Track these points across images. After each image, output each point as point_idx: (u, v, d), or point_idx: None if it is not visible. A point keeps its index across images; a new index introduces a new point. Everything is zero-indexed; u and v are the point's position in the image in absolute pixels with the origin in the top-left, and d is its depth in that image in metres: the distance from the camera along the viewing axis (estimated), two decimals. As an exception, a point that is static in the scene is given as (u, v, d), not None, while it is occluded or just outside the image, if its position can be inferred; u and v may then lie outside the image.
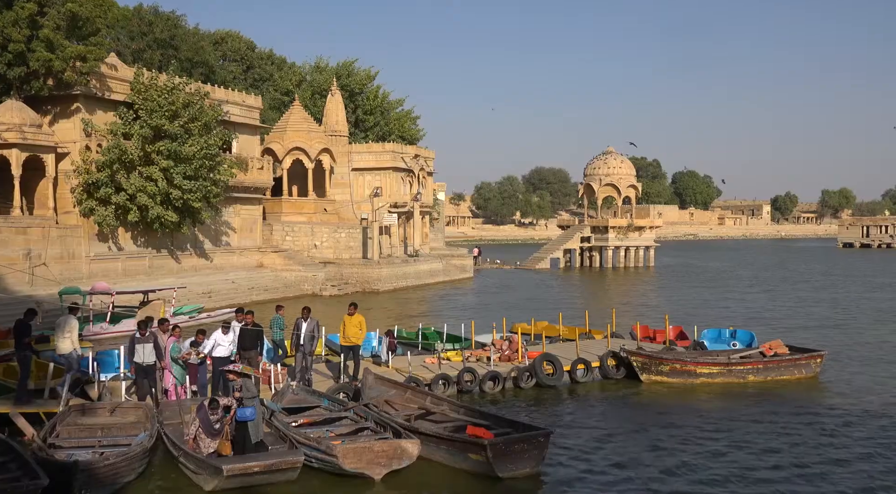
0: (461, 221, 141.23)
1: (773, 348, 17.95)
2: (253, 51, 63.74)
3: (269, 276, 36.79)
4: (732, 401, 15.46)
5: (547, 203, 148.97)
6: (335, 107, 47.96)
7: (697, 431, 13.28)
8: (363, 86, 59.18)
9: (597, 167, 63.90)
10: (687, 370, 16.89)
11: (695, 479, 10.85)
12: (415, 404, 13.39)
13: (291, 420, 12.16)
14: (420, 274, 44.24)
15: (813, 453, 12.06)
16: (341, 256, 41.26)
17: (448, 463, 11.14)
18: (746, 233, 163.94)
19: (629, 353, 17.11)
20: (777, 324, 27.25)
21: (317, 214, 43.95)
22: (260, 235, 39.14)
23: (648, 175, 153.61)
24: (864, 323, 28.04)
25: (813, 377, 17.57)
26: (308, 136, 44.26)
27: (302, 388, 14.13)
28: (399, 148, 47.54)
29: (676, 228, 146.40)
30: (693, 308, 32.60)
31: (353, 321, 15.23)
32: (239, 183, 35.80)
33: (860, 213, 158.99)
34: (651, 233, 63.38)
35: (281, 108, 53.94)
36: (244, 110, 38.17)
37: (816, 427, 13.59)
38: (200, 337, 13.68)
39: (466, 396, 15.46)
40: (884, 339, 23.86)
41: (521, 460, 10.84)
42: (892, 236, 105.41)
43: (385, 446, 10.74)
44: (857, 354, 20.97)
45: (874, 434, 13.16)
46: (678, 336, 20.56)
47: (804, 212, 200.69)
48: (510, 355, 17.31)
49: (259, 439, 10.71)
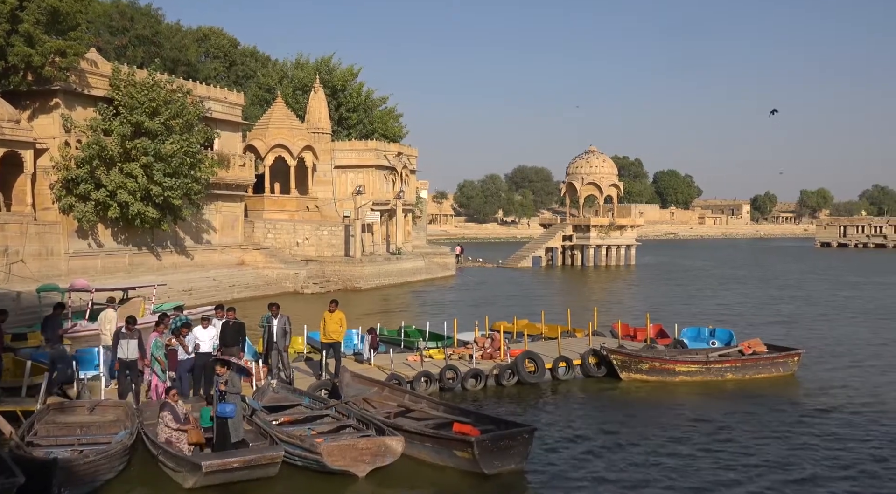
0: (444, 219, 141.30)
1: (751, 346, 18.15)
2: (236, 47, 63.46)
3: (250, 274, 36.64)
4: (710, 399, 15.64)
5: (529, 201, 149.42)
6: (318, 105, 47.83)
7: (676, 429, 13.42)
8: (346, 84, 59.07)
9: (579, 166, 64.20)
10: (666, 368, 17.05)
11: (674, 476, 10.98)
12: (393, 402, 13.44)
13: (272, 418, 12.14)
14: (402, 272, 44.24)
15: (789, 450, 12.23)
16: (323, 254, 41.18)
17: (432, 461, 11.19)
18: (726, 232, 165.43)
19: (609, 352, 17.25)
20: (755, 323, 27.54)
21: (299, 212, 43.81)
22: (241, 233, 38.95)
23: (630, 174, 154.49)
24: (837, 321, 28.43)
25: (790, 375, 17.80)
26: (291, 134, 44.10)
27: (282, 386, 14.11)
28: (382, 146, 47.51)
29: (657, 227, 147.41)
30: (673, 306, 32.88)
31: (333, 318, 15.24)
32: (220, 180, 35.62)
33: (838, 213, 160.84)
34: (632, 232, 63.79)
35: (263, 105, 53.73)
36: (226, 107, 37.96)
37: (792, 424, 13.78)
38: (185, 331, 13.63)
39: (448, 394, 15.52)
40: (857, 337, 24.22)
41: (507, 456, 10.93)
42: (869, 236, 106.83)
43: (369, 443, 10.77)
44: (832, 352, 21.27)
45: (850, 431, 13.37)
46: (658, 334, 20.75)
47: (783, 211, 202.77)
48: (492, 353, 17.38)
49: (239, 438, 10.70)
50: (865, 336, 24.70)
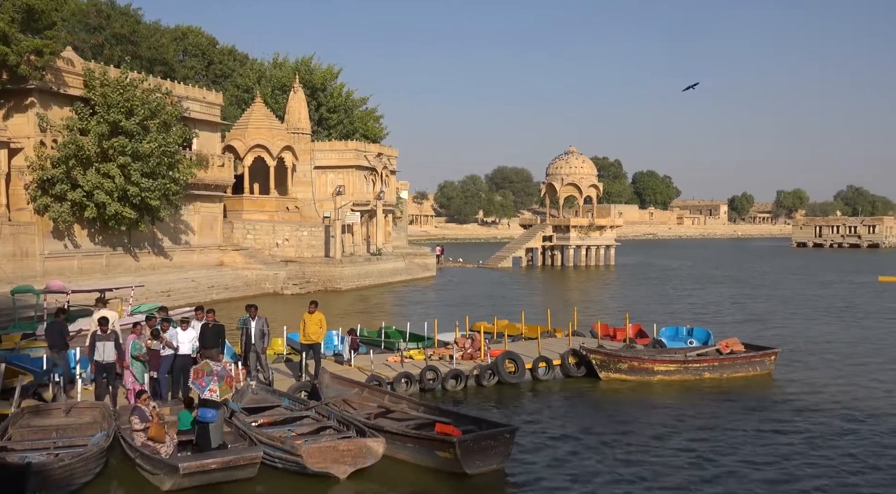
0: (424, 220, 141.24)
1: (729, 346, 18.32)
2: (214, 46, 62.99)
3: (229, 275, 36.40)
4: (689, 398, 15.77)
5: (510, 202, 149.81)
6: (297, 105, 47.63)
7: (655, 428, 13.52)
8: (326, 84, 58.86)
9: (559, 167, 64.46)
10: (644, 367, 17.16)
11: (653, 475, 11.06)
12: (373, 403, 13.42)
13: (252, 419, 12.07)
14: (383, 272, 44.17)
15: (766, 449, 12.36)
16: (303, 255, 41.01)
17: (413, 461, 11.18)
18: (704, 232, 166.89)
19: (588, 351, 17.33)
20: (733, 322, 27.82)
21: (278, 212, 43.60)
22: (220, 233, 38.68)
23: (609, 175, 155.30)
24: (812, 320, 28.78)
25: (767, 374, 17.98)
26: (270, 134, 43.87)
27: (262, 388, 14.03)
28: (362, 146, 47.40)
29: (636, 228, 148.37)
30: (652, 306, 33.12)
31: (313, 319, 15.19)
32: (199, 180, 35.35)
33: (813, 214, 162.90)
34: (612, 233, 64.16)
35: (242, 105, 53.39)
36: (205, 107, 37.67)
37: (769, 423, 13.92)
38: (165, 325, 13.50)
39: (429, 394, 15.53)
40: (831, 336, 24.53)
41: (489, 456, 10.96)
42: (843, 236, 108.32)
43: (350, 445, 10.74)
44: (808, 351, 21.52)
45: (826, 430, 13.54)
46: (638, 334, 20.89)
47: (760, 212, 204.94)
48: (472, 353, 17.41)
49: (220, 443, 10.62)
50: (839, 334, 25.03)
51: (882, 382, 17.54)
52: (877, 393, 16.42)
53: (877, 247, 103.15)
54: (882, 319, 29.30)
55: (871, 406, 15.19)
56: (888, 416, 14.37)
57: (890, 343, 23.39)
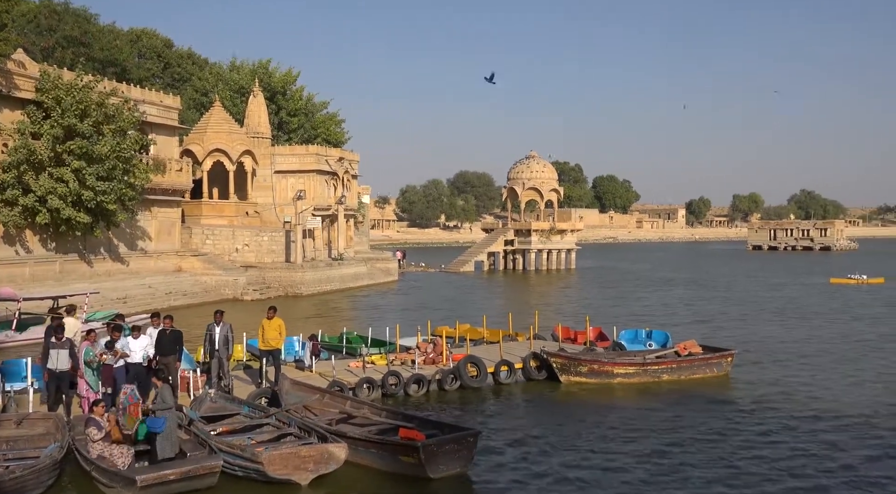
0: (386, 224, 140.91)
1: (687, 348, 18.60)
2: (171, 49, 62.10)
3: (188, 281, 35.85)
4: (647, 400, 15.96)
5: (471, 206, 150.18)
6: (257, 109, 47.20)
7: (615, 430, 13.66)
8: (286, 87, 58.41)
9: (520, 171, 64.85)
10: (604, 370, 17.33)
11: (613, 476, 11.17)
12: (335, 408, 13.32)
13: (211, 428, 11.89)
14: (344, 277, 43.94)
15: (724, 449, 12.57)
16: (263, 260, 40.60)
17: (376, 466, 11.14)
18: (663, 236, 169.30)
19: (549, 355, 17.45)
20: (690, 324, 28.25)
21: (238, 217, 43.10)
22: (178, 239, 38.09)
23: (570, 179, 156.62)
24: (766, 321, 29.38)
25: (724, 375, 18.29)
26: (229, 138, 43.39)
27: (220, 395, 13.83)
28: (323, 150, 47.14)
29: (597, 231, 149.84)
30: (613, 309, 33.48)
31: (272, 325, 15.04)
32: (156, 185, 34.79)
33: (768, 217, 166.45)
34: (573, 237, 64.73)
35: (200, 109, 52.73)
36: (161, 110, 37.10)
37: (727, 423, 14.17)
38: (116, 335, 13.14)
39: (391, 399, 15.48)
40: (784, 336, 25.07)
41: (452, 460, 10.96)
42: (797, 239, 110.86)
43: (312, 451, 10.65)
44: (762, 351, 21.96)
45: (782, 429, 13.82)
46: (598, 337, 21.06)
47: (717, 215, 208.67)
48: (434, 358, 17.40)
49: (171, 454, 10.37)
50: (792, 335, 25.59)
51: (833, 380, 17.99)
52: (828, 391, 16.82)
53: (828, 249, 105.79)
54: (833, 319, 30.05)
55: (823, 404, 15.55)
56: (840, 414, 14.73)
57: (840, 342, 24.01)
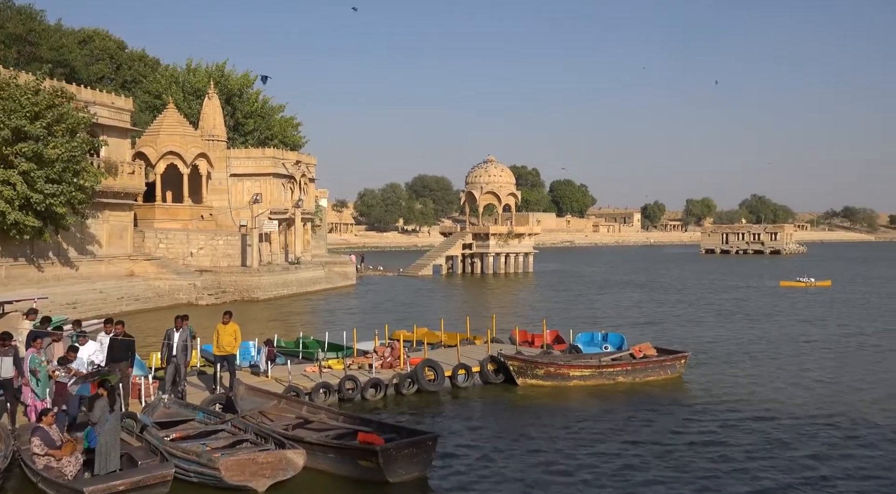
0: (344, 228, 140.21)
1: (642, 350, 18.90)
2: (123, 50, 60.88)
3: (140, 285, 35.18)
4: (603, 402, 16.16)
5: (430, 210, 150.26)
6: (212, 111, 46.57)
7: (569, 431, 13.82)
8: (242, 90, 57.76)
9: (478, 175, 65.15)
10: (560, 373, 17.50)
11: (569, 478, 11.29)
12: (291, 414, 13.22)
13: (164, 434, 11.70)
14: (301, 281, 43.58)
15: (675, 446, 12.81)
16: (219, 264, 40.05)
17: (334, 471, 11.07)
18: (619, 239, 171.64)
19: (506, 358, 17.55)
20: (646, 326, 28.68)
21: (193, 221, 42.45)
22: (131, 243, 37.35)
23: (528, 183, 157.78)
24: (717, 323, 29.99)
25: (678, 377, 18.62)
26: (183, 140, 42.73)
27: (174, 401, 13.61)
28: (280, 153, 46.72)
29: (554, 235, 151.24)
30: (569, 312, 33.82)
31: (227, 330, 14.86)
32: (108, 188, 34.08)
33: (720, 221, 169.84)
34: (530, 240, 65.21)
35: (154, 111, 51.79)
36: (113, 112, 36.38)
37: (679, 424, 14.43)
38: (72, 355, 12.59)
39: (348, 404, 15.41)
40: (735, 338, 25.61)
41: (411, 464, 10.96)
42: (748, 243, 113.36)
43: (269, 457, 10.55)
44: (713, 353, 22.42)
45: (732, 429, 14.13)
46: (555, 340, 21.25)
47: (671, 220, 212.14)
48: (392, 362, 17.38)
49: (109, 469, 9.95)
50: (744, 336, 26.16)
51: (781, 380, 18.45)
52: (777, 391, 17.25)
53: (778, 253, 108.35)
54: (783, 321, 30.80)
55: (772, 404, 15.93)
56: (788, 413, 15.11)
57: (788, 343, 24.63)
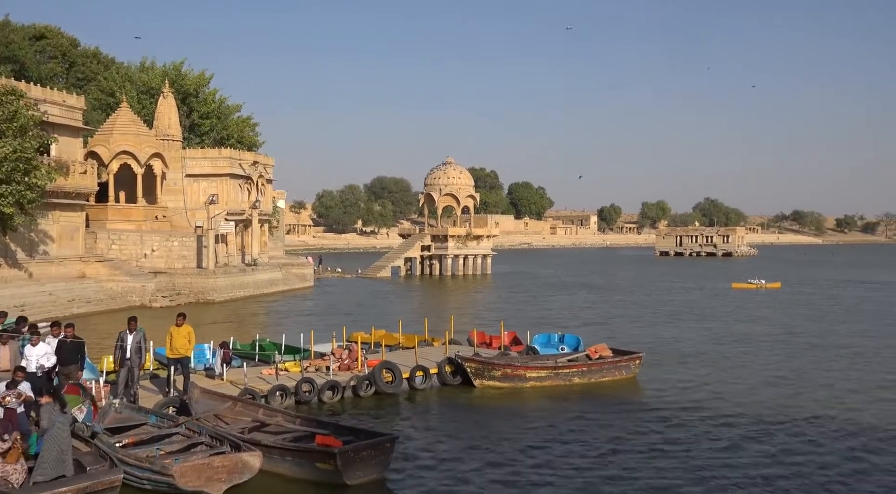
0: (302, 230, 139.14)
1: (598, 351, 19.15)
2: (76, 48, 59.52)
3: (92, 287, 34.45)
4: (559, 403, 16.34)
5: (389, 212, 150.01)
6: (167, 110, 45.84)
7: (525, 432, 13.94)
8: (198, 89, 56.92)
9: (437, 177, 65.25)
10: (517, 374, 17.64)
11: (525, 477, 11.41)
12: (247, 416, 13.09)
13: (116, 439, 11.47)
14: (258, 283, 43.15)
15: (629, 446, 13.02)
16: (174, 266, 39.43)
17: (292, 474, 11.00)
18: (576, 241, 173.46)
19: (463, 360, 17.63)
20: (602, 327, 29.05)
21: (147, 222, 41.73)
22: (82, 244, 36.56)
23: (486, 185, 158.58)
24: (670, 324, 30.54)
25: (632, 377, 18.91)
26: (137, 140, 41.98)
27: (126, 405, 13.35)
28: (237, 154, 46.20)
29: (512, 237, 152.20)
30: (527, 313, 34.08)
31: (181, 332, 14.66)
32: (59, 188, 33.31)
33: (674, 224, 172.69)
34: (488, 242, 65.53)
35: (107, 110, 50.72)
36: (65, 111, 35.57)
37: (633, 424, 14.68)
38: (20, 375, 11.89)
39: (305, 406, 15.33)
40: (687, 338, 26.13)
41: (369, 466, 10.94)
42: (701, 245, 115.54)
43: (225, 461, 10.43)
44: (668, 353, 22.83)
45: (685, 428, 14.41)
46: (513, 341, 21.42)
47: (627, 222, 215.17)
48: (350, 364, 17.34)
49: (49, 477, 9.64)
50: (696, 337, 26.69)
51: (731, 379, 18.88)
52: (727, 390, 17.62)
53: (730, 255, 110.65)
54: (734, 322, 31.49)
55: (722, 403, 16.28)
56: (737, 412, 15.45)
57: (739, 344, 25.19)
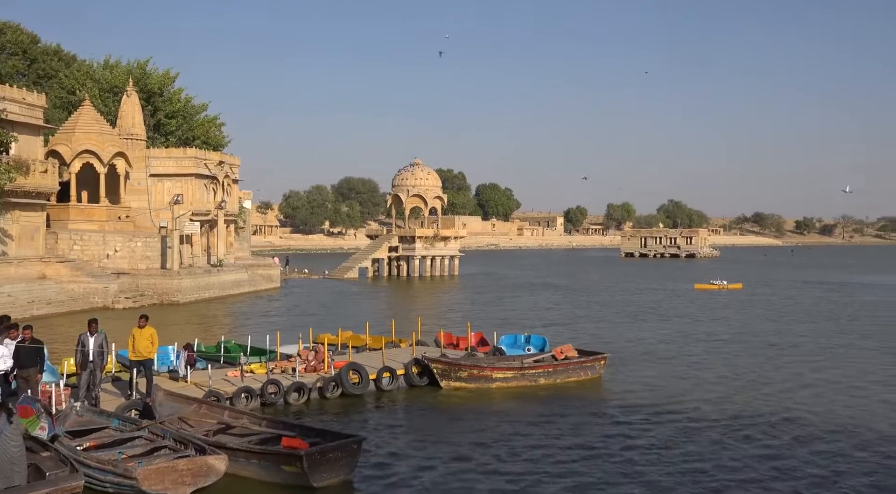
0: (269, 230, 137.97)
1: (563, 352, 19.35)
2: (36, 44, 58.37)
3: (52, 289, 33.83)
4: (525, 404, 16.47)
5: (356, 212, 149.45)
6: (131, 109, 45.20)
7: (492, 433, 14.03)
8: (163, 88, 56.17)
9: (405, 178, 65.24)
10: (483, 375, 17.75)
11: (491, 477, 11.49)
12: (212, 419, 12.99)
13: (77, 443, 11.32)
14: (224, 284, 42.74)
15: (594, 446, 13.20)
16: (137, 266, 38.88)
17: (257, 477, 10.96)
18: (542, 243, 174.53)
19: (430, 361, 17.69)
20: (567, 328, 29.30)
21: (110, 222, 41.07)
22: (43, 244, 35.87)
23: (454, 187, 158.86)
24: (635, 325, 30.93)
25: (597, 378, 19.13)
26: (100, 139, 41.31)
27: (87, 408, 13.17)
28: (202, 154, 45.67)
29: (479, 238, 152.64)
30: (494, 314, 34.24)
31: (143, 334, 14.49)
32: (18, 187, 32.66)
33: (639, 226, 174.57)
34: (456, 244, 65.69)
35: (69, 108, 49.83)
36: (24, 108, 34.88)
37: (597, 423, 14.88)
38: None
39: (270, 408, 15.26)
40: (653, 339, 26.50)
41: (336, 468, 10.93)
42: (665, 247, 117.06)
43: (189, 464, 10.36)
44: (632, 353, 23.14)
45: (648, 427, 14.64)
46: (480, 342, 21.53)
47: (593, 224, 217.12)
48: (316, 365, 17.28)
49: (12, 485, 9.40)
50: (658, 337, 27.07)
51: (695, 379, 19.19)
52: (690, 388, 17.94)
53: (693, 256, 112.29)
54: (696, 322, 32.00)
55: (685, 402, 16.57)
56: (701, 410, 15.75)
57: (701, 343, 25.62)
